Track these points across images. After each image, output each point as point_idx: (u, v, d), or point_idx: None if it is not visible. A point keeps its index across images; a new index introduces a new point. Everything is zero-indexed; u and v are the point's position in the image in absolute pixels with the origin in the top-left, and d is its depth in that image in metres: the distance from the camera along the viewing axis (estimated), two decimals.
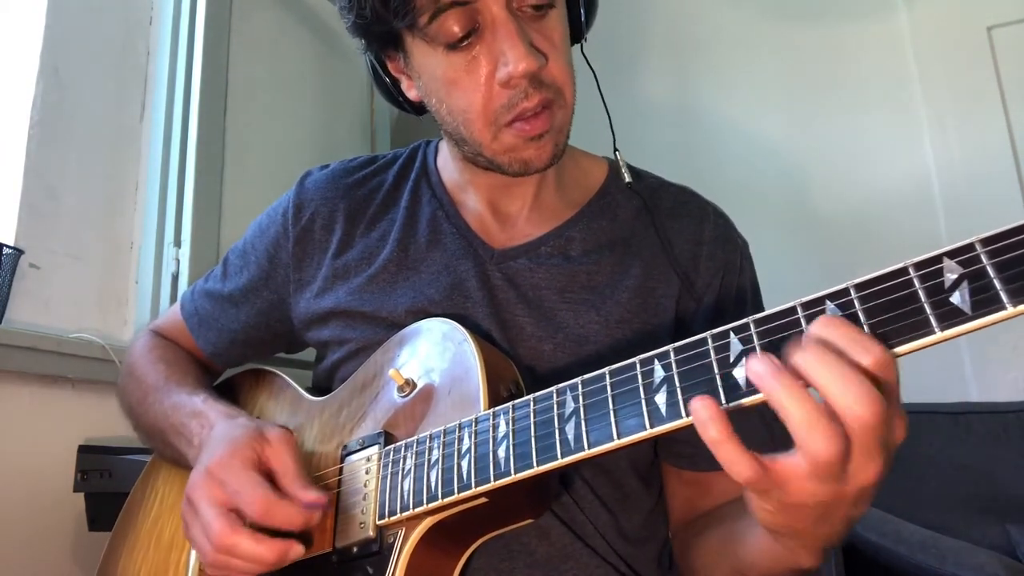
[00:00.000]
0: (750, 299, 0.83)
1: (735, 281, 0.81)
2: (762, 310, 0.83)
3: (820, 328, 0.43)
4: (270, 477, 0.65)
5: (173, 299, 1.49)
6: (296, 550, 0.62)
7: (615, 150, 0.86)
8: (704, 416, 0.44)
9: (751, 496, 0.48)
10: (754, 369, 0.43)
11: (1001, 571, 1.19)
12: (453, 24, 0.67)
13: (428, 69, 0.72)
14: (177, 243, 1.54)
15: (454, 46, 0.68)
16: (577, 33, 0.77)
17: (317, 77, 2.01)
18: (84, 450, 1.21)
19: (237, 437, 0.67)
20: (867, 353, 0.41)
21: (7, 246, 1.26)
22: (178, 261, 1.52)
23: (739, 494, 0.75)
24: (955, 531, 1.46)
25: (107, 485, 1.18)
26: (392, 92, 0.80)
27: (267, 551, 0.61)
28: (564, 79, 0.71)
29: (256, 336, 0.90)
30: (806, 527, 0.48)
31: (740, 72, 2.36)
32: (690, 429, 0.47)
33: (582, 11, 0.77)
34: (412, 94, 0.79)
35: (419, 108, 0.80)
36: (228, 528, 0.61)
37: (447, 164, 0.87)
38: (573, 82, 0.73)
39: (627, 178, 0.84)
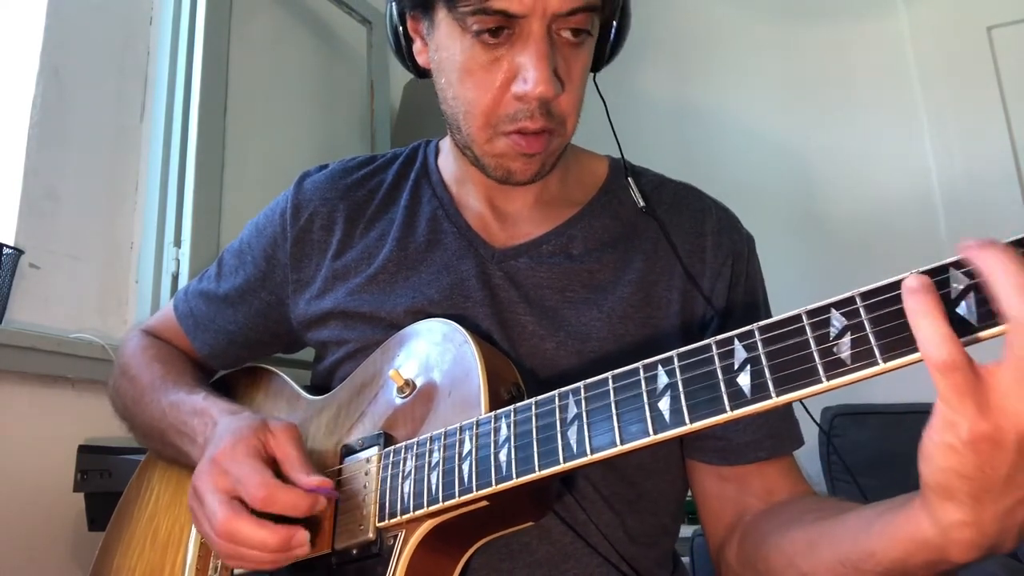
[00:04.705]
0: (760, 290, 0.83)
1: (744, 268, 0.81)
2: (769, 304, 0.83)
3: None
4: (275, 467, 0.65)
5: None
6: (301, 535, 0.62)
7: (621, 155, 0.87)
8: (914, 284, 0.40)
9: (940, 415, 0.41)
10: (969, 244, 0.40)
11: (1001, 571, 1.19)
12: (490, 18, 0.66)
13: (449, 49, 0.71)
14: (177, 243, 1.53)
15: (481, 34, 0.68)
16: (597, 63, 0.78)
17: (317, 77, 2.01)
18: (84, 450, 1.21)
19: (241, 428, 0.67)
20: None
21: (7, 246, 1.26)
22: (178, 261, 1.52)
23: (787, 493, 0.73)
24: None
25: (107, 485, 1.18)
26: (403, 48, 0.79)
27: (270, 535, 0.61)
28: (571, 111, 0.72)
29: (254, 337, 0.90)
30: (992, 482, 0.40)
31: (740, 72, 2.36)
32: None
33: (609, 46, 0.77)
34: (422, 59, 0.78)
35: (422, 72, 0.80)
36: (230, 514, 0.61)
37: (448, 162, 0.87)
38: (578, 114, 0.74)
39: (632, 185, 0.83)
